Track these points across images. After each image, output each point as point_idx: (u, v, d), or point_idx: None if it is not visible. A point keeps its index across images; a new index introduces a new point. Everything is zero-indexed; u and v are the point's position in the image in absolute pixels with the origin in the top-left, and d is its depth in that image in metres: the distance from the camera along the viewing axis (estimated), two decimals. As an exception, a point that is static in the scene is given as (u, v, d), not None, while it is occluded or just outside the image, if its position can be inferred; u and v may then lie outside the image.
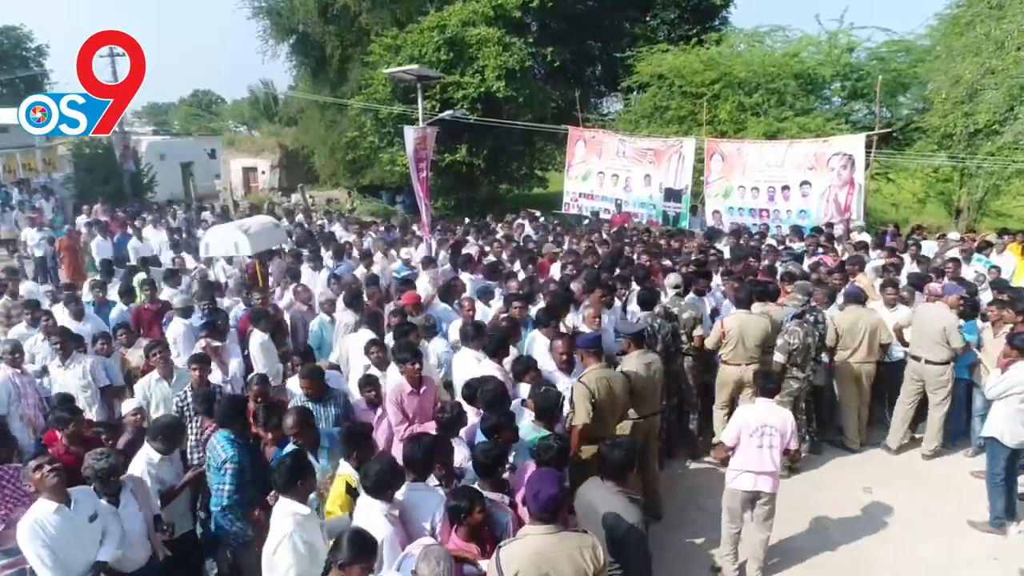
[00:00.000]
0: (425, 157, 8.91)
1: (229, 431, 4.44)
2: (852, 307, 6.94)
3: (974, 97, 13.44)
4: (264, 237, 10.22)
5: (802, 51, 19.31)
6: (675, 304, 6.75)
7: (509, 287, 7.63)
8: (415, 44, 19.61)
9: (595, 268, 8.11)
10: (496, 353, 5.44)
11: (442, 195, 22.05)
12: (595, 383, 4.87)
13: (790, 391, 6.40)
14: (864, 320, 6.88)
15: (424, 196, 8.97)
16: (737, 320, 6.51)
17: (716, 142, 15.82)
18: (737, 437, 4.91)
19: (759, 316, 6.62)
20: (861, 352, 6.92)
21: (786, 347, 6.27)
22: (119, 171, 23.04)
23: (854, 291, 7.16)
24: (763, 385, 5.10)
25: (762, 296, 6.87)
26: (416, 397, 5.11)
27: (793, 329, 6.32)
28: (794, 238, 11.76)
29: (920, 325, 6.77)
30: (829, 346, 6.89)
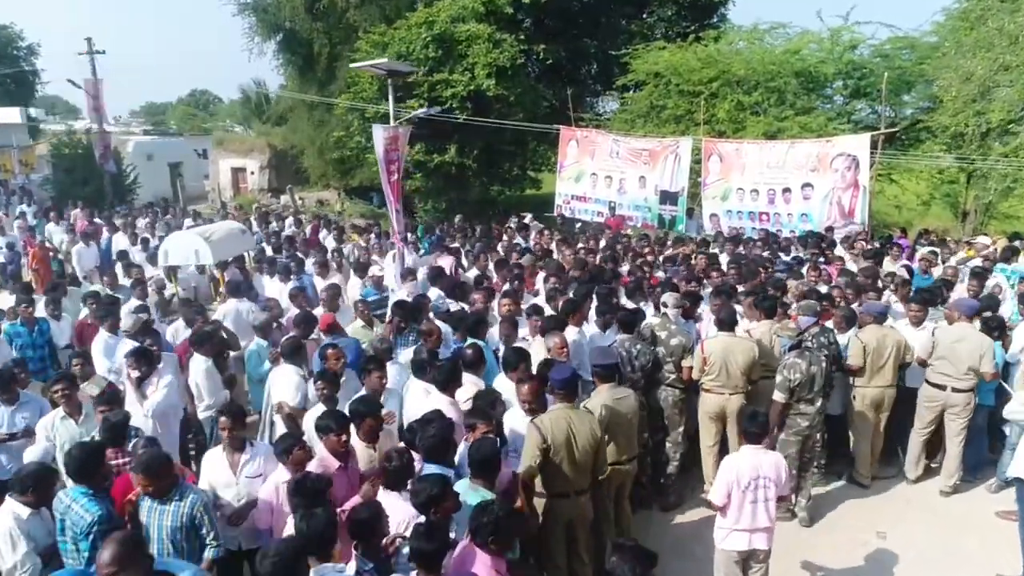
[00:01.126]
0: (397, 159, 8.22)
1: (87, 486, 3.70)
2: (873, 326, 6.17)
3: (986, 95, 12.72)
4: (228, 244, 9.59)
5: (803, 48, 18.66)
6: (664, 327, 5.98)
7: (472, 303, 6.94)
8: (403, 41, 18.92)
9: (582, 283, 7.39)
10: (446, 385, 4.70)
11: (432, 197, 21.35)
12: (550, 425, 4.17)
13: (797, 429, 5.68)
14: (890, 340, 6.11)
15: (395, 201, 8.27)
16: (721, 344, 5.78)
17: (714, 142, 15.13)
18: (728, 494, 4.22)
19: (744, 339, 5.94)
20: (885, 376, 6.14)
21: (786, 384, 5.50)
22: (99, 172, 22.34)
23: (878, 308, 6.42)
24: (747, 430, 4.40)
25: (770, 311, 6.18)
26: (344, 475, 4.07)
27: (793, 362, 5.54)
28: (799, 245, 11.00)
29: (945, 347, 6.02)
30: (853, 368, 6.12)
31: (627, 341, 5.64)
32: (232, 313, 7.91)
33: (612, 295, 6.93)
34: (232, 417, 4.35)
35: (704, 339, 6.02)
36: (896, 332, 6.22)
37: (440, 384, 4.69)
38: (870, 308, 6.44)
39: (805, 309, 6.14)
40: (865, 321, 6.27)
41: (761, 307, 6.30)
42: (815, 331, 6.00)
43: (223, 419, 4.36)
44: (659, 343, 5.88)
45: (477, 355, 5.18)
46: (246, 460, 4.35)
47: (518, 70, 19.44)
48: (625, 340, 5.65)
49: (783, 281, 7.86)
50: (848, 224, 13.40)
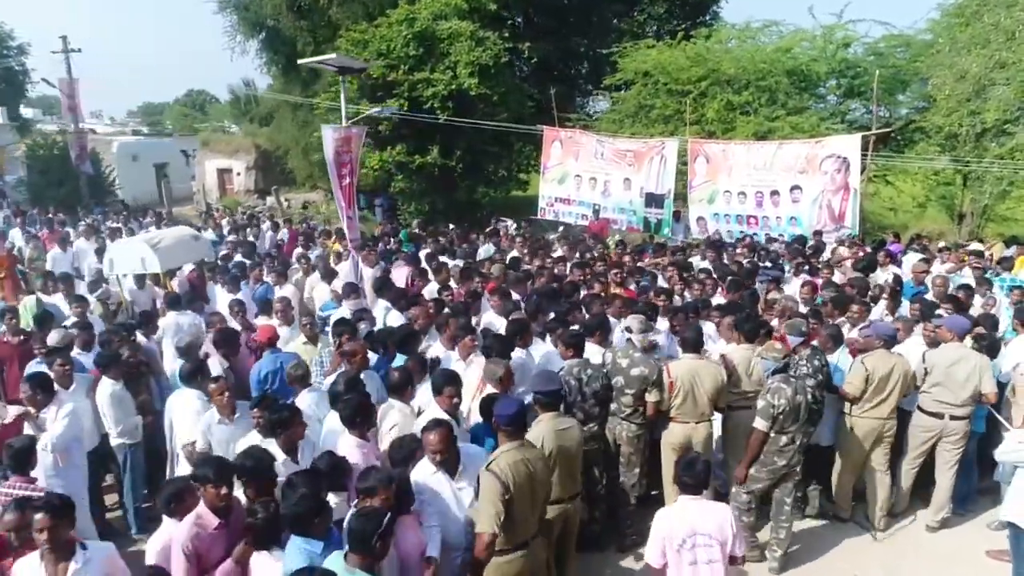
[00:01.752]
0: (350, 161, 7.67)
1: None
2: (881, 352, 5.45)
3: (981, 93, 12.19)
4: (178, 252, 9.06)
5: (795, 46, 18.20)
6: (626, 355, 5.27)
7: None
8: (383, 39, 18.39)
9: (539, 298, 6.80)
10: (353, 423, 4.08)
11: (415, 199, 20.81)
12: (510, 470, 3.57)
13: (772, 467, 5.02)
14: (898, 369, 5.42)
15: (347, 206, 7.71)
16: (687, 367, 5.22)
17: (700, 143, 14.61)
18: (662, 553, 3.68)
19: (711, 363, 5.38)
20: (885, 408, 5.45)
21: (769, 411, 4.85)
22: (75, 173, 21.81)
23: (888, 331, 5.64)
24: (683, 479, 3.78)
25: (751, 334, 5.58)
26: (223, 536, 3.41)
27: (778, 387, 4.88)
28: (786, 253, 10.40)
29: (940, 371, 5.40)
30: (848, 396, 5.47)
31: (576, 366, 5.04)
32: (172, 328, 7.38)
33: (574, 311, 6.36)
34: (50, 511, 3.18)
35: (667, 362, 5.41)
36: (904, 361, 5.54)
37: (346, 421, 4.10)
38: (879, 331, 5.64)
39: (791, 328, 5.55)
40: (872, 345, 5.55)
41: (741, 330, 5.62)
42: (805, 352, 5.39)
43: (39, 516, 3.17)
44: (617, 371, 5.22)
45: (404, 377, 4.61)
46: (76, 572, 3.24)
47: (502, 69, 18.91)
48: (574, 365, 5.06)
49: (757, 293, 7.29)
50: (838, 228, 12.88)
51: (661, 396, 5.19)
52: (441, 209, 21.48)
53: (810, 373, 5.23)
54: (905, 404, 5.70)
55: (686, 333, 5.38)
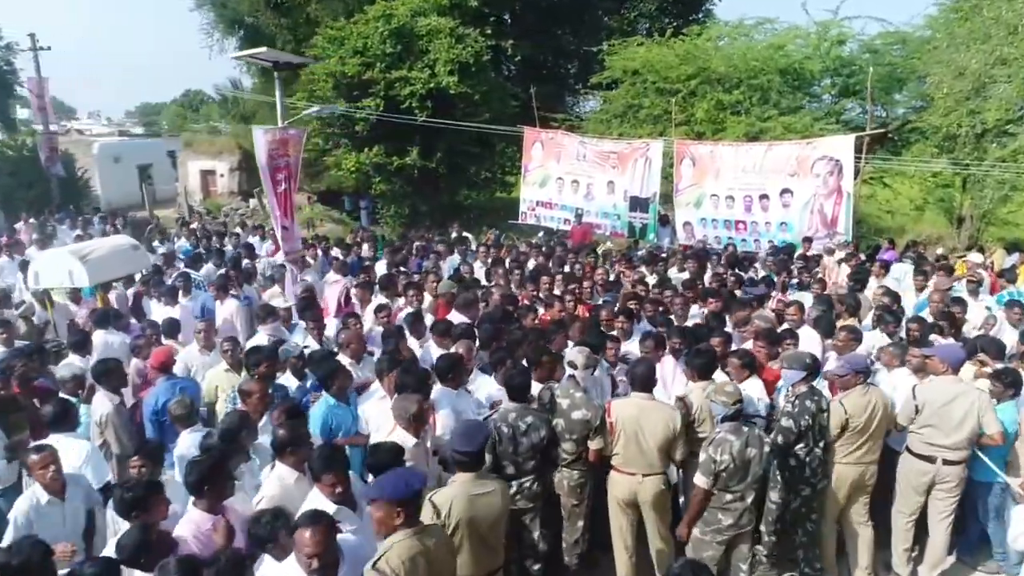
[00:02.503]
0: (287, 166, 6.98)
1: None
2: (858, 389, 4.68)
3: (981, 91, 11.49)
4: (110, 264, 8.34)
5: (788, 44, 17.55)
6: (567, 394, 4.52)
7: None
8: (360, 36, 17.71)
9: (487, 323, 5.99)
10: (201, 491, 3.33)
11: (395, 203, 20.12)
12: (402, 568, 2.88)
13: (717, 527, 4.21)
14: (878, 405, 4.67)
15: (282, 215, 6.99)
16: (633, 408, 4.46)
17: (686, 144, 13.92)
18: None
19: (663, 405, 4.60)
20: (870, 449, 4.71)
21: (710, 466, 4.08)
22: (46, 175, 21.12)
23: (860, 363, 4.86)
24: None
25: (703, 370, 4.80)
26: None
27: (722, 439, 4.11)
28: (771, 264, 9.61)
29: (933, 410, 4.65)
30: (829, 441, 4.68)
31: (513, 411, 4.27)
32: (101, 348, 6.68)
33: (526, 341, 5.47)
34: None
35: (610, 400, 4.70)
36: (881, 393, 4.82)
37: (191, 488, 3.29)
38: (853, 364, 4.80)
39: (792, 361, 4.70)
40: (849, 383, 4.71)
41: (692, 365, 4.86)
42: (802, 391, 4.60)
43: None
44: (557, 414, 4.46)
45: (290, 436, 3.71)
46: None
47: (484, 67, 18.23)
48: (511, 410, 4.28)
49: (723, 316, 6.46)
50: (831, 234, 12.19)
51: (606, 442, 4.47)
52: (425, 212, 20.83)
53: (794, 414, 4.52)
54: (893, 444, 4.99)
55: (636, 368, 4.62)
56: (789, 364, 4.77)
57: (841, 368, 4.83)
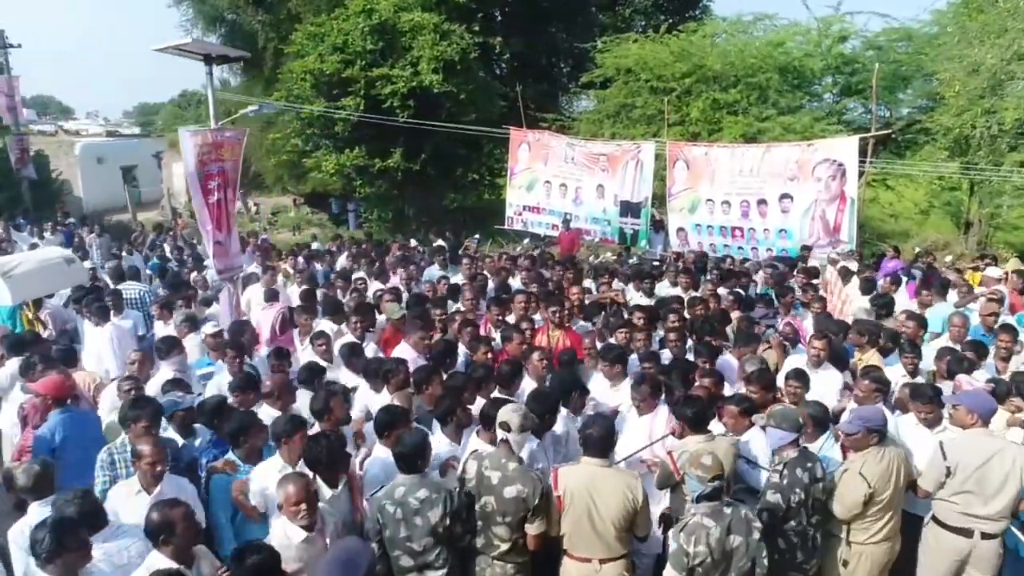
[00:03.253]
0: (222, 172, 6.14)
1: None
2: (873, 452, 3.82)
3: (997, 89, 10.67)
4: (39, 280, 7.55)
5: (788, 41, 16.84)
6: (497, 465, 3.60)
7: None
8: (340, 32, 16.94)
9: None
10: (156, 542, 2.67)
11: (379, 206, 19.35)
12: None
13: None
14: (897, 464, 3.85)
15: (214, 227, 6.14)
16: (583, 477, 3.59)
17: (679, 146, 13.14)
18: None
19: (621, 473, 3.72)
20: (894, 523, 3.91)
21: (682, 560, 3.24)
22: (16, 178, 20.32)
23: (877, 419, 3.92)
24: None
25: (696, 422, 3.98)
26: None
27: (697, 524, 3.27)
28: (769, 279, 8.74)
29: (968, 472, 3.81)
30: (846, 519, 3.88)
31: (402, 486, 3.40)
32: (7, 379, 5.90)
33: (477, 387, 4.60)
34: None
35: (556, 468, 3.75)
36: (900, 453, 3.95)
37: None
38: (868, 420, 3.89)
39: (781, 419, 3.83)
40: (860, 443, 3.84)
41: (681, 416, 4.00)
42: (791, 456, 3.80)
43: None
44: (485, 489, 3.58)
45: (162, 521, 2.93)
46: None
47: (470, 65, 17.45)
48: (400, 485, 3.41)
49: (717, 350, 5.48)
50: (833, 242, 11.41)
51: (550, 523, 3.60)
52: (411, 216, 20.07)
53: (782, 486, 3.69)
54: (918, 509, 4.17)
55: (590, 427, 3.66)
56: (777, 422, 3.84)
57: (851, 424, 3.93)
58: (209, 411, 4.30)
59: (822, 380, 5.11)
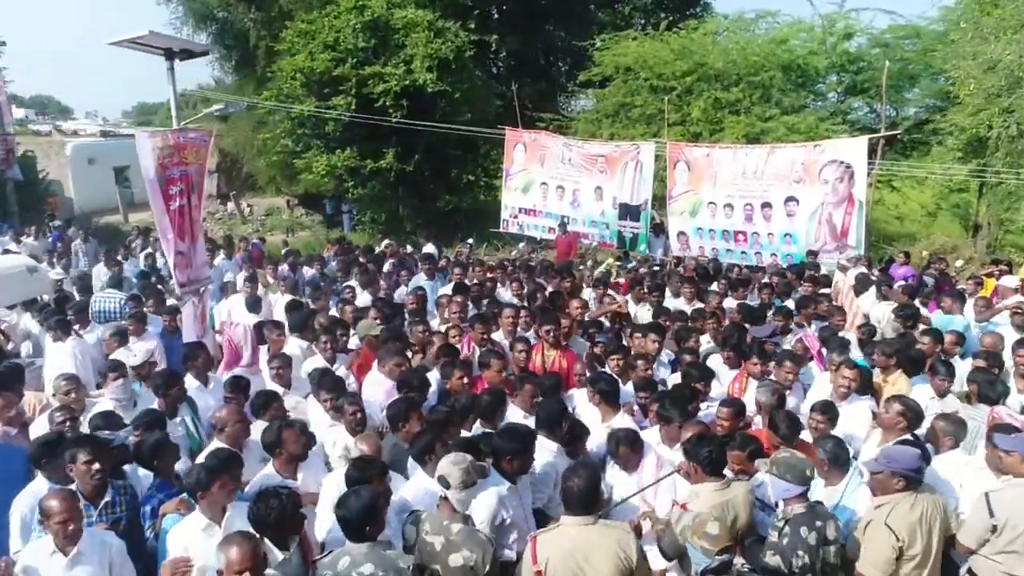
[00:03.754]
0: (185, 176, 5.64)
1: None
2: (905, 500, 3.34)
3: (1016, 88, 10.18)
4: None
5: (791, 38, 16.37)
6: (439, 529, 3.12)
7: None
8: (331, 29, 16.48)
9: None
10: None
11: (371, 208, 18.89)
12: None
13: None
14: (932, 514, 3.36)
15: (176, 237, 5.63)
16: (567, 540, 3.06)
17: (680, 147, 12.68)
18: None
19: (614, 530, 3.14)
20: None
21: None
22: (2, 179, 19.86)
23: (911, 463, 3.40)
24: None
25: (714, 465, 3.45)
26: None
27: None
28: (775, 285, 8.18)
29: (1020, 527, 3.32)
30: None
31: (346, 557, 2.89)
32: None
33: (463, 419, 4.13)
34: None
35: (534, 536, 3.17)
36: (935, 499, 3.43)
37: None
38: (897, 461, 3.37)
39: (785, 469, 3.29)
40: (887, 487, 3.35)
41: (694, 457, 3.44)
42: (797, 512, 3.27)
43: None
44: (428, 558, 3.06)
45: None
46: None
47: (465, 63, 16.98)
48: (343, 556, 2.91)
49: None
50: (840, 247, 10.96)
51: None
52: (405, 218, 19.60)
53: (783, 547, 3.18)
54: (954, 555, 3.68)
55: (571, 480, 3.11)
56: (780, 472, 3.30)
57: (875, 463, 3.43)
58: (149, 451, 3.76)
59: (849, 413, 4.57)
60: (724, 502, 3.34)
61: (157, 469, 3.76)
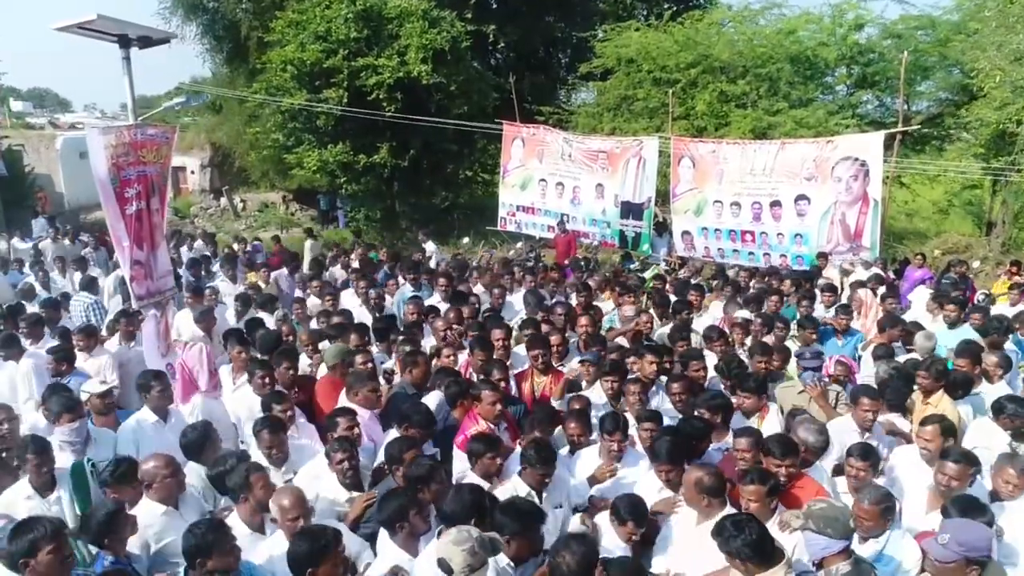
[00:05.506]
0: (143, 177, 5.04)
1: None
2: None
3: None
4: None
5: (800, 29, 15.78)
6: None
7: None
8: (323, 19, 15.88)
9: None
10: None
11: (365, 205, 18.35)
12: None
13: None
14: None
15: (132, 243, 5.00)
16: None
17: (685, 142, 12.11)
18: None
19: None
20: None
21: None
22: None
23: (981, 542, 2.87)
24: None
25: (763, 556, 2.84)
26: None
27: None
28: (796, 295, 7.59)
29: None
30: None
31: None
32: None
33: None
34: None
35: None
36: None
37: None
38: (970, 544, 2.83)
39: (824, 523, 2.84)
40: (946, 559, 2.81)
41: (736, 553, 2.79)
42: (844, 571, 2.82)
43: None
44: None
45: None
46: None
47: (461, 55, 16.40)
48: None
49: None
50: (854, 248, 10.42)
51: None
52: (402, 214, 19.07)
53: None
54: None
55: (558, 554, 2.65)
56: (818, 527, 2.85)
57: (947, 550, 2.82)
58: (98, 527, 3.02)
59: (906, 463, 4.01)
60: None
61: (111, 548, 3.06)
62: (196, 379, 4.44)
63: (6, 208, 19.59)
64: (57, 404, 3.96)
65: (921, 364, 4.84)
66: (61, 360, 5.17)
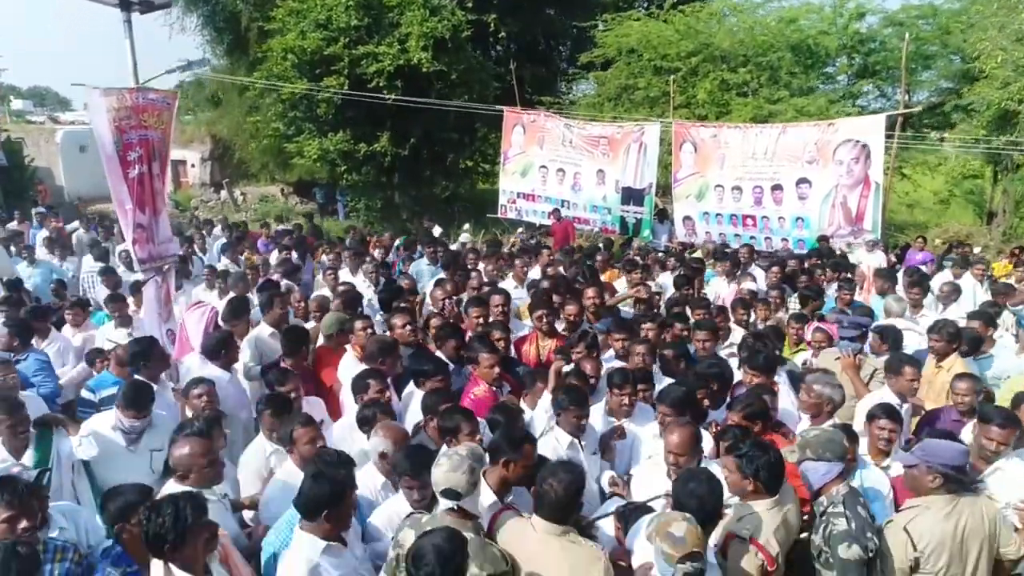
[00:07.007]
0: (145, 141, 5.02)
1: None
2: (939, 501, 2.82)
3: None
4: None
5: (801, 17, 15.78)
6: None
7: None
8: (324, 6, 15.84)
9: None
10: None
11: (365, 196, 18.31)
12: None
13: None
14: (971, 524, 2.83)
15: (134, 208, 4.96)
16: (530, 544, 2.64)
17: (686, 127, 12.10)
18: None
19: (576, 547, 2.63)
20: None
21: None
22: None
23: (952, 455, 2.85)
24: None
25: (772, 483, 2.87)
26: None
27: None
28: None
29: None
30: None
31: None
32: None
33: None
34: None
35: None
36: (986, 507, 2.88)
37: None
38: (937, 453, 2.84)
39: (822, 447, 2.86)
40: (924, 484, 2.83)
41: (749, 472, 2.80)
42: (844, 491, 2.83)
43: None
44: None
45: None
46: None
47: (462, 43, 16.36)
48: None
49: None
50: (855, 231, 10.42)
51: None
52: (402, 205, 19.02)
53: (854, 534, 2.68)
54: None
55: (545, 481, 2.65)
56: (816, 453, 2.85)
57: (912, 455, 2.89)
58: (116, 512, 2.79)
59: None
60: (781, 522, 2.79)
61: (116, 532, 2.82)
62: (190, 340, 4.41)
63: (6, 198, 19.60)
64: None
65: (932, 327, 4.82)
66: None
